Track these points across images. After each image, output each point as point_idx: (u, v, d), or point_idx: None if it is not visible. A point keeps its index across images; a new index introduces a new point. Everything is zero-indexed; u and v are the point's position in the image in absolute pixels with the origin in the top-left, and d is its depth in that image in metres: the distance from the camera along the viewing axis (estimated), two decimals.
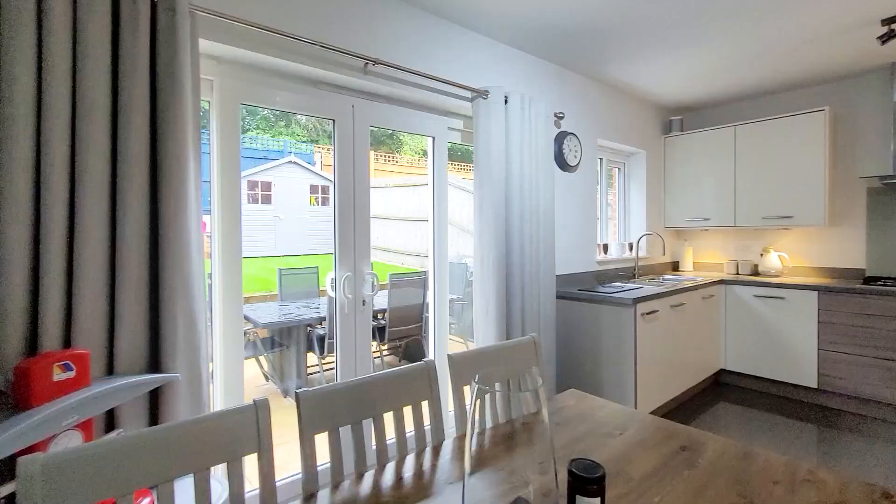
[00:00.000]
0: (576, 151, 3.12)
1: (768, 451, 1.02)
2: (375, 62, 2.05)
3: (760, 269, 3.60)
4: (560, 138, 3.00)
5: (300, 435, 0.89)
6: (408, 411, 1.11)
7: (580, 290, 2.85)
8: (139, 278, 1.37)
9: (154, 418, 1.44)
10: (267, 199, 12.07)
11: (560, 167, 3.05)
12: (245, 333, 3.96)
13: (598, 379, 2.69)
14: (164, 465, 0.77)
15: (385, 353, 4.40)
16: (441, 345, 2.58)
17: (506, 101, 2.53)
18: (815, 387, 3.02)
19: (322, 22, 1.95)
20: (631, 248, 3.78)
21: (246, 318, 3.79)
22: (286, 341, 3.95)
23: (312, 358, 3.88)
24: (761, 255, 3.62)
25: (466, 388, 1.31)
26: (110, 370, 1.35)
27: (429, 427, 1.13)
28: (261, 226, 11.73)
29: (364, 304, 2.20)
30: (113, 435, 1.29)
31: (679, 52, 2.84)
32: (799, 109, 3.47)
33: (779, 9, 2.30)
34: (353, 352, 2.16)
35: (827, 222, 3.19)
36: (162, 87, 1.42)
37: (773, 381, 3.28)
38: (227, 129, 1.81)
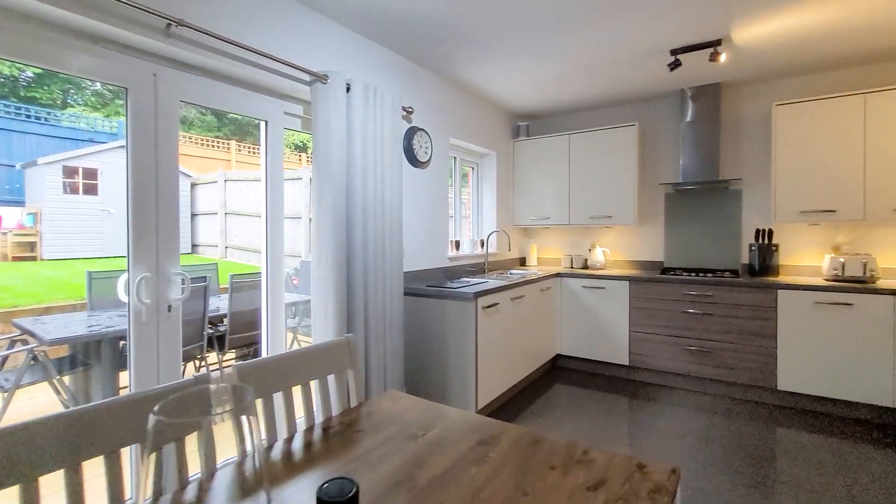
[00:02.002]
0: (426, 147, 3.13)
1: (557, 436, 1.07)
2: (180, 24, 1.74)
3: (589, 262, 4.06)
4: (410, 134, 2.97)
5: None
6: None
7: (428, 287, 2.86)
8: None
9: None
10: (92, 190, 10.01)
11: (410, 163, 3.02)
12: (30, 352, 3.16)
13: (445, 374, 2.72)
14: None
15: (228, 363, 3.92)
16: (276, 352, 2.34)
17: (348, 89, 2.39)
18: (628, 364, 3.50)
19: None
20: (482, 245, 3.95)
21: (30, 333, 3.04)
22: (91, 359, 3.26)
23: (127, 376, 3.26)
24: (589, 250, 4.09)
25: (262, 404, 1.14)
26: None
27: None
28: (82, 221, 9.68)
29: (171, 310, 1.86)
30: None
31: (515, 61, 3.02)
32: (618, 123, 3.99)
33: (587, 35, 2.58)
34: (154, 368, 1.81)
35: (637, 222, 3.72)
36: None
37: (598, 362, 3.72)
38: None
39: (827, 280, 2.98)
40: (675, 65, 2.85)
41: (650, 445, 2.47)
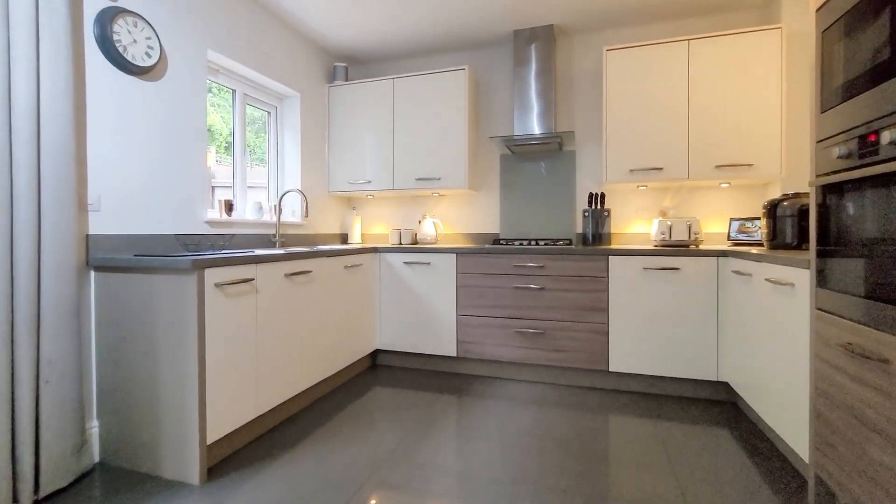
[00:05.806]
0: (150, 47, 2.04)
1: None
2: None
3: (419, 236, 3.37)
4: (108, 15, 1.86)
5: None
6: None
7: (137, 256, 1.80)
8: None
9: None
10: None
11: (114, 63, 1.91)
12: None
13: (154, 393, 1.70)
14: None
15: None
16: None
17: None
18: (455, 355, 2.87)
19: None
20: (276, 212, 2.96)
21: None
22: None
23: None
24: (419, 222, 3.40)
25: None
26: None
27: None
28: None
29: None
30: None
31: None
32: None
33: None
34: None
35: (468, 185, 3.13)
36: None
37: (425, 356, 3.03)
38: None
39: (656, 245, 2.71)
40: None
41: (474, 461, 1.80)
